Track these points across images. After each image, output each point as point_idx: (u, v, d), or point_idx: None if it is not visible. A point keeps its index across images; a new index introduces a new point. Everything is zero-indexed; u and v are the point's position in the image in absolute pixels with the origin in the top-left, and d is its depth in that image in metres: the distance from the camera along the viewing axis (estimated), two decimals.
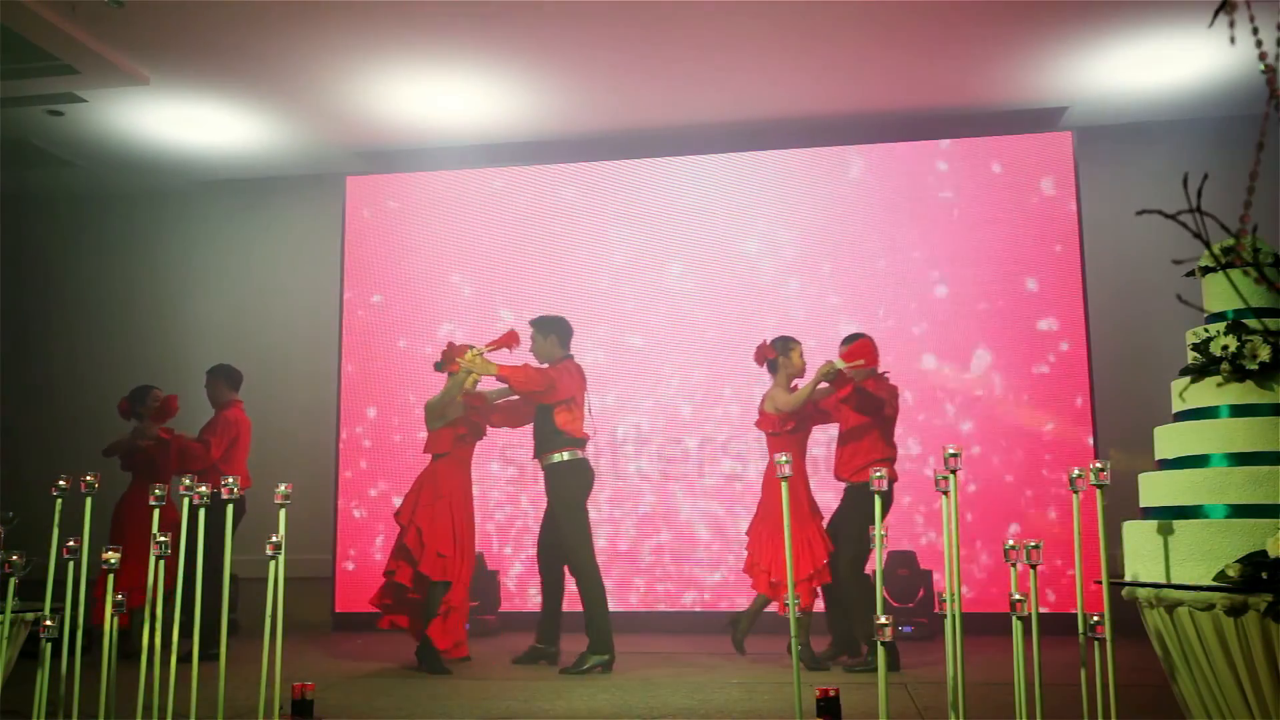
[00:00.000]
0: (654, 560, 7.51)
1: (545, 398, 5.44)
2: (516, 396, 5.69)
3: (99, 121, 7.64)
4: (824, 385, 5.47)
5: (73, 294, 9.01)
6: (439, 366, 5.72)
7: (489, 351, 5.58)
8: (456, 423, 5.65)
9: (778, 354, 5.62)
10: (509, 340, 5.64)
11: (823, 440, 6.45)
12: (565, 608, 5.68)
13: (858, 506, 5.37)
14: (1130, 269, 7.33)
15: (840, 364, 5.38)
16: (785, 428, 5.49)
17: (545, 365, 5.60)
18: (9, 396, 8.51)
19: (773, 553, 5.35)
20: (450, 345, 5.71)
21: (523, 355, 5.71)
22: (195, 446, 6.19)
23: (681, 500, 7.52)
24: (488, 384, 5.75)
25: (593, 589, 5.35)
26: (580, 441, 5.51)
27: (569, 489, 5.46)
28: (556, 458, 5.45)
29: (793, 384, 5.63)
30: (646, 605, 7.47)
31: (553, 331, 5.65)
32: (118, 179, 8.69)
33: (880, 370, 5.61)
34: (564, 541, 5.46)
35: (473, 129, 7.85)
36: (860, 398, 5.33)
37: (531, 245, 7.99)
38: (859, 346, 5.49)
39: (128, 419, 6.36)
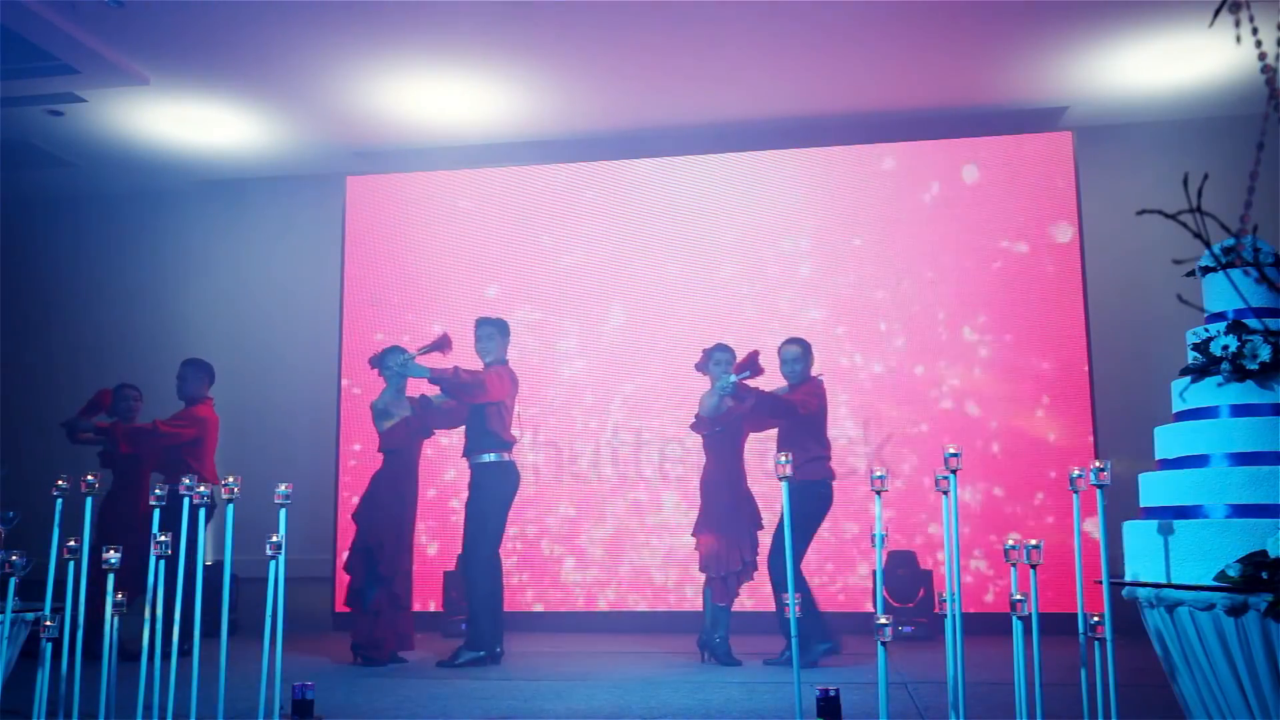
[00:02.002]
0: (653, 560, 7.50)
1: (475, 398, 5.60)
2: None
3: (99, 121, 7.63)
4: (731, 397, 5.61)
5: (73, 294, 9.01)
6: (374, 362, 5.89)
7: (421, 355, 5.74)
8: (406, 420, 5.81)
9: (711, 362, 5.78)
10: (442, 344, 5.81)
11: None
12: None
13: (793, 503, 5.50)
14: (1130, 269, 7.33)
15: (732, 378, 5.52)
16: (713, 430, 5.69)
17: (481, 366, 5.76)
18: (9, 396, 8.51)
19: (704, 548, 5.63)
20: (383, 349, 5.90)
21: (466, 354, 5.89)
22: (140, 426, 6.24)
23: (682, 500, 7.52)
24: (430, 388, 5.89)
25: (484, 587, 5.57)
26: (507, 444, 5.71)
27: (494, 489, 5.66)
28: (484, 458, 5.65)
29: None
30: (646, 605, 7.47)
31: (505, 335, 5.84)
32: (118, 179, 8.69)
33: (814, 372, 5.73)
34: (467, 535, 5.64)
35: (473, 129, 7.85)
36: (764, 404, 5.49)
37: (531, 245, 8.00)
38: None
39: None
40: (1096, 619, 3.19)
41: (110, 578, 3.63)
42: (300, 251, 8.63)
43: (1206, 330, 3.42)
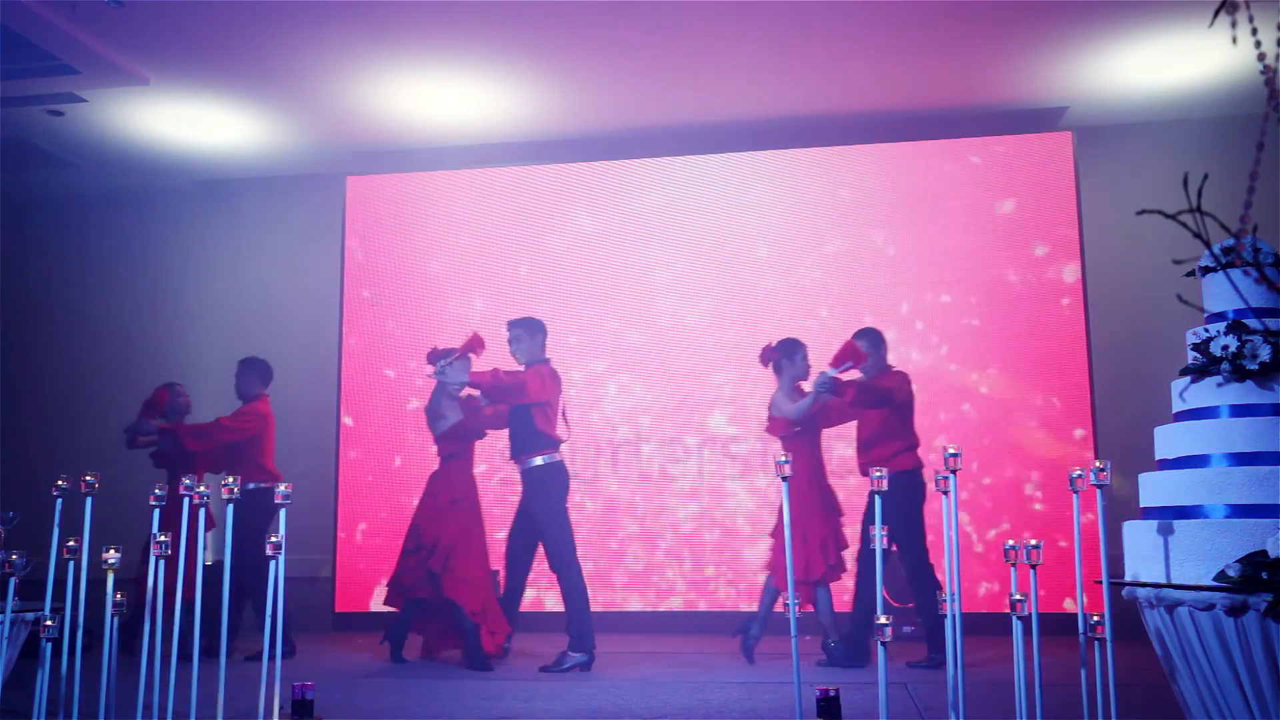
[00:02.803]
0: (654, 560, 7.50)
1: (515, 399, 5.52)
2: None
3: (99, 121, 7.63)
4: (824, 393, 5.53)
5: (72, 294, 9.00)
6: (431, 359, 5.82)
7: (456, 359, 5.67)
8: (460, 423, 5.76)
9: (781, 356, 5.71)
10: (473, 345, 5.72)
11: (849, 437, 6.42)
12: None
13: (891, 496, 5.42)
14: (1130, 269, 7.33)
15: (831, 372, 5.45)
16: (794, 430, 5.60)
17: (520, 367, 5.67)
18: (9, 396, 8.51)
19: (801, 551, 5.48)
20: (433, 349, 5.81)
21: (502, 356, 5.82)
22: (202, 424, 6.26)
23: (682, 500, 7.52)
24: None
25: (576, 588, 5.45)
26: (555, 444, 5.59)
27: (549, 492, 5.55)
28: (534, 461, 5.54)
29: (797, 384, 5.69)
30: (647, 605, 7.47)
31: (539, 333, 5.72)
32: (118, 179, 8.69)
33: (888, 362, 5.69)
34: (548, 544, 5.53)
35: (473, 129, 7.85)
36: (864, 395, 5.42)
37: (531, 245, 8.00)
38: (843, 350, 5.55)
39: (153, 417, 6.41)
40: (1096, 619, 3.19)
41: (110, 578, 3.63)
42: (300, 251, 8.62)
43: (1206, 330, 3.42)
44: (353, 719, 4.04)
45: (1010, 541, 3.37)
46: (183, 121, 7.65)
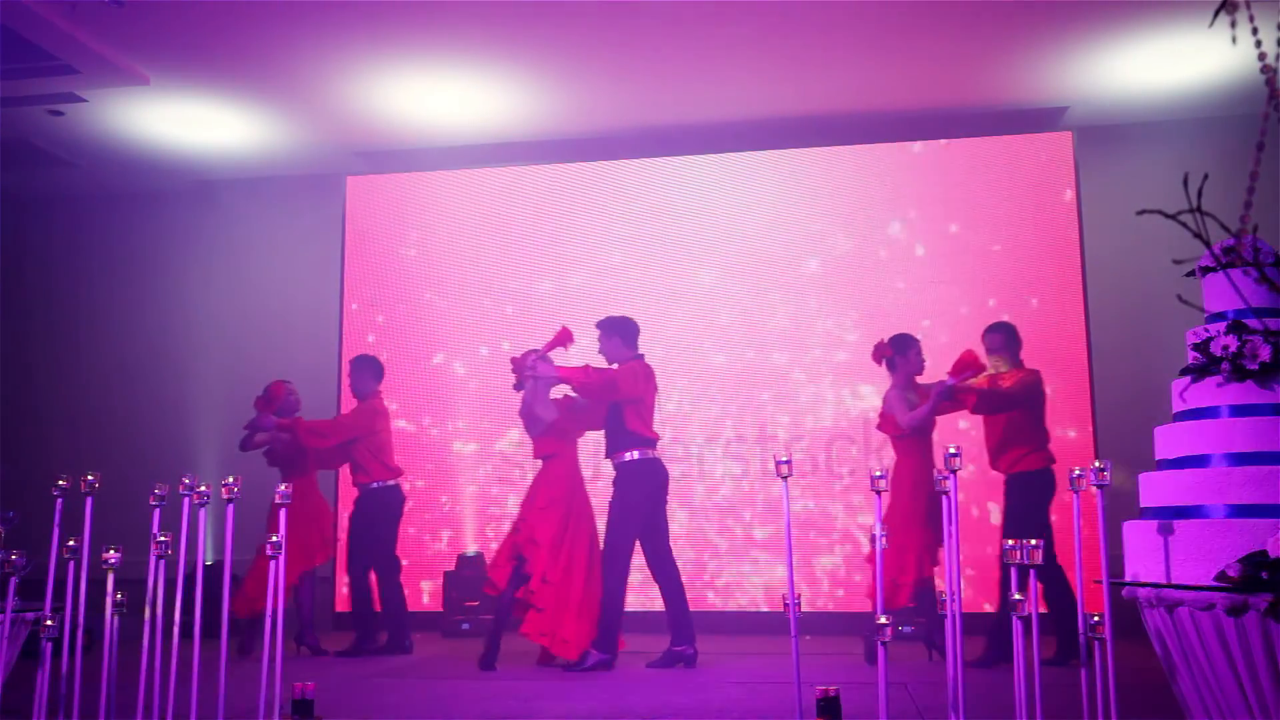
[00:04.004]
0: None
1: (606, 396, 5.44)
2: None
3: (99, 121, 7.64)
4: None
5: (72, 294, 9.01)
6: (517, 386, 5.69)
7: (546, 353, 5.57)
8: (555, 424, 5.63)
9: (895, 353, 5.67)
10: (563, 339, 5.64)
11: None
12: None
13: (1019, 496, 5.41)
14: (1130, 269, 7.32)
15: (950, 382, 5.41)
16: (905, 431, 5.55)
17: (611, 365, 5.59)
18: (9, 395, 8.50)
19: (895, 553, 5.35)
20: (513, 360, 5.66)
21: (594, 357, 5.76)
22: (321, 421, 6.24)
23: (682, 500, 7.51)
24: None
25: (614, 589, 5.40)
26: (650, 441, 5.49)
27: (635, 488, 5.44)
28: (627, 456, 5.45)
29: (913, 380, 5.66)
30: (648, 605, 7.46)
31: (616, 333, 5.65)
32: (118, 179, 8.69)
33: (1018, 359, 5.60)
34: (606, 534, 5.47)
35: (473, 129, 7.85)
36: (986, 402, 5.37)
37: (531, 245, 8.00)
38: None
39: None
40: (1096, 619, 3.19)
41: (109, 577, 3.63)
42: (300, 251, 8.62)
43: (1206, 330, 3.42)
44: (353, 719, 4.03)
45: (1010, 541, 3.36)
46: (183, 121, 7.66)
